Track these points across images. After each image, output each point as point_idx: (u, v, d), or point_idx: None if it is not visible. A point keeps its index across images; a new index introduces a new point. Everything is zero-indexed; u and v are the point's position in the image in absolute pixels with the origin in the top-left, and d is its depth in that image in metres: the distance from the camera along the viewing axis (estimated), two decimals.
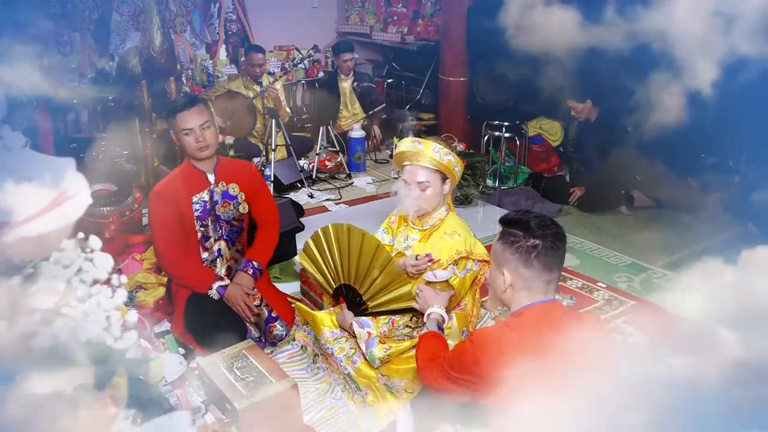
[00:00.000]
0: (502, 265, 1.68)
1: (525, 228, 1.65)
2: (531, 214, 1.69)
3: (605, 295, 3.43)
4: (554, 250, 1.65)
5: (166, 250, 2.77)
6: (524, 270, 1.64)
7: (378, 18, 7.20)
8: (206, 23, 6.47)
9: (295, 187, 5.03)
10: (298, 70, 6.52)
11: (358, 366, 2.44)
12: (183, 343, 2.81)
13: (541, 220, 1.67)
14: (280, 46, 6.78)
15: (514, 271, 1.65)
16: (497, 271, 1.70)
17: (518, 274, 1.65)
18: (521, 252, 1.64)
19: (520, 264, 1.64)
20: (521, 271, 1.65)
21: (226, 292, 2.75)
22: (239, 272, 2.85)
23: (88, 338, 0.85)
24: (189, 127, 2.66)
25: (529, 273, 1.64)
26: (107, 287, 0.90)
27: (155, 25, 3.97)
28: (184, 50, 6.26)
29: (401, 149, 2.50)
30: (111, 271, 0.92)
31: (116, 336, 0.90)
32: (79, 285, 0.86)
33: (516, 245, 1.64)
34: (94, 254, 0.91)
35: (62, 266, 0.86)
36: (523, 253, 1.63)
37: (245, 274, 2.84)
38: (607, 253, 3.96)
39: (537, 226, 1.65)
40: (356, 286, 2.43)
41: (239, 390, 2.11)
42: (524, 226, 1.65)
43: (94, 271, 0.89)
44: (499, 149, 5.18)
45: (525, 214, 1.70)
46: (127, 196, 3.66)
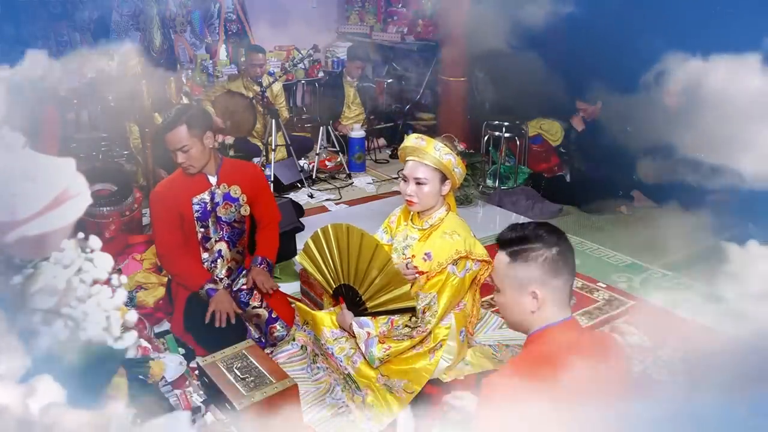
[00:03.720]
0: (528, 286, 1.56)
1: (538, 238, 1.56)
2: (531, 225, 1.61)
3: (605, 295, 3.43)
4: (571, 252, 1.58)
5: (165, 250, 2.79)
6: (554, 281, 1.54)
7: (378, 18, 7.20)
8: (206, 23, 6.47)
9: (295, 187, 5.03)
10: (298, 70, 6.53)
11: (358, 366, 2.44)
12: (183, 343, 2.82)
13: (545, 227, 1.60)
14: (280, 46, 6.78)
15: (544, 286, 1.55)
16: (520, 295, 1.57)
17: (550, 286, 1.55)
18: (548, 263, 1.54)
19: (549, 275, 1.54)
20: (552, 283, 1.55)
21: (215, 294, 2.75)
22: (254, 268, 2.89)
23: (88, 338, 0.85)
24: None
25: (559, 282, 1.55)
26: (107, 287, 0.90)
27: (155, 25, 3.97)
28: (184, 50, 6.26)
29: (405, 144, 2.51)
30: (111, 271, 0.92)
31: (116, 336, 0.90)
32: (79, 285, 0.86)
33: (540, 259, 1.54)
34: (94, 254, 0.90)
35: (62, 266, 0.86)
36: (551, 263, 1.54)
37: (261, 270, 2.89)
38: (607, 253, 3.96)
39: (547, 233, 1.57)
40: (355, 286, 2.43)
41: (239, 390, 2.11)
42: (536, 237, 1.56)
43: (94, 271, 0.89)
44: (499, 149, 5.18)
45: (524, 227, 1.61)
46: (127, 196, 3.66)
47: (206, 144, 2.71)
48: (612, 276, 3.65)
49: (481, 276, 2.52)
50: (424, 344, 2.45)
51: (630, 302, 3.36)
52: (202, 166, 2.74)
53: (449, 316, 2.48)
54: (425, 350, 2.45)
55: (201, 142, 2.68)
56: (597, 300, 3.38)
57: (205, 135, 2.70)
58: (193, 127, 2.65)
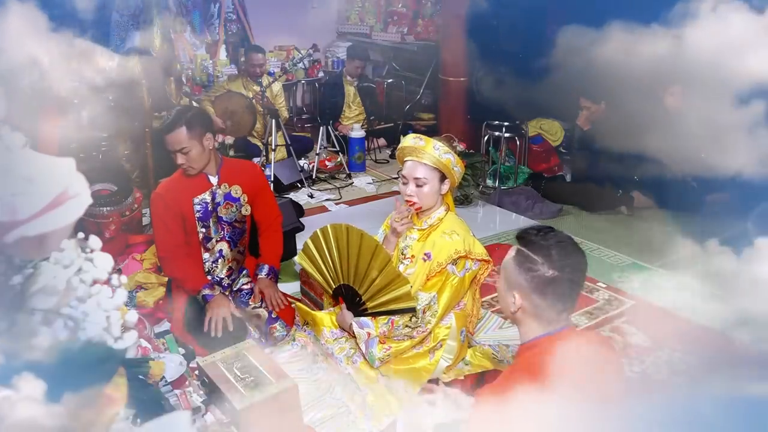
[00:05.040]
0: (513, 287, 1.57)
1: (546, 256, 1.52)
2: (554, 239, 1.55)
3: (605, 295, 3.43)
4: (572, 282, 1.54)
5: (165, 252, 2.79)
6: (536, 298, 1.53)
7: (378, 18, 7.20)
8: (206, 23, 6.47)
9: (295, 187, 5.03)
10: (297, 70, 6.53)
11: (358, 366, 2.44)
12: (183, 343, 2.82)
13: (563, 248, 1.54)
14: (280, 46, 6.78)
15: (526, 298, 1.54)
16: (507, 291, 1.59)
17: (530, 301, 1.54)
18: (536, 281, 1.52)
19: (533, 292, 1.53)
20: (533, 299, 1.53)
21: (211, 300, 2.75)
22: (262, 280, 2.91)
23: (88, 338, 0.85)
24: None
25: (541, 302, 1.53)
26: (107, 287, 0.90)
27: (155, 25, 3.97)
28: (184, 50, 6.26)
29: (403, 144, 2.51)
30: (111, 271, 0.92)
31: (116, 336, 0.90)
32: (79, 285, 0.86)
33: (532, 273, 1.52)
34: (94, 254, 0.91)
35: (62, 266, 0.86)
36: (539, 282, 1.52)
37: (267, 281, 2.91)
38: (607, 253, 3.96)
39: (559, 256, 1.52)
40: (355, 286, 2.43)
41: (239, 390, 2.11)
42: (545, 254, 1.52)
43: (94, 271, 0.89)
44: (499, 149, 5.18)
45: (547, 236, 1.56)
46: (127, 196, 3.66)
47: (206, 145, 2.71)
48: (612, 276, 3.65)
49: (481, 275, 2.52)
50: (424, 344, 2.45)
51: (630, 302, 3.36)
52: (202, 167, 2.74)
53: (449, 315, 2.49)
54: (425, 350, 2.45)
55: (201, 143, 2.68)
56: (597, 300, 3.38)
57: (204, 136, 2.70)
58: (192, 129, 2.65)
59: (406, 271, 2.48)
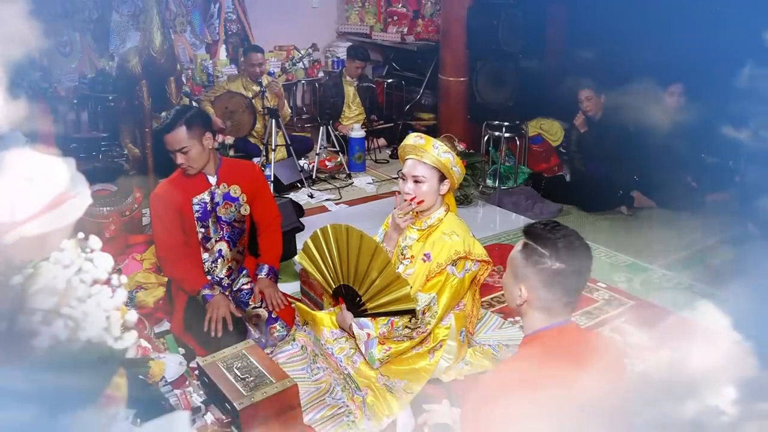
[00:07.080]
0: (520, 280, 1.58)
1: (552, 249, 1.53)
2: (560, 232, 1.57)
3: (605, 295, 3.43)
4: (579, 275, 1.56)
5: (165, 252, 2.79)
6: (543, 291, 1.55)
7: (378, 18, 7.20)
8: (206, 23, 6.47)
9: (295, 187, 5.03)
10: (297, 69, 6.53)
11: (358, 366, 2.44)
12: (183, 343, 2.82)
13: (569, 242, 1.55)
14: (280, 46, 6.78)
15: (533, 291, 1.56)
16: (514, 284, 1.61)
17: (536, 294, 1.56)
18: (544, 273, 1.54)
19: (540, 285, 1.54)
20: (540, 292, 1.55)
21: (211, 300, 2.75)
22: (261, 280, 2.91)
23: (88, 338, 0.85)
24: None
25: (548, 295, 1.55)
26: (107, 287, 0.90)
27: (155, 25, 3.97)
28: (184, 50, 6.26)
29: (404, 143, 2.52)
30: (111, 271, 0.92)
31: (116, 336, 0.90)
32: (79, 285, 0.86)
33: (539, 266, 1.54)
34: (94, 254, 0.91)
35: (62, 266, 0.86)
36: (546, 275, 1.53)
37: (267, 281, 2.91)
38: (607, 253, 3.96)
39: (565, 248, 1.53)
40: (355, 286, 2.43)
41: (239, 390, 2.11)
42: (552, 247, 1.54)
43: (94, 271, 0.89)
44: (499, 149, 5.18)
45: (553, 230, 1.57)
46: (127, 196, 3.66)
47: (205, 145, 2.71)
48: (612, 276, 3.65)
49: (481, 276, 2.52)
50: (424, 344, 2.45)
51: (630, 302, 3.36)
52: (201, 167, 2.75)
53: (449, 316, 2.48)
54: (425, 350, 2.45)
55: (200, 143, 2.68)
56: (597, 300, 3.38)
57: (204, 136, 2.70)
58: (192, 128, 2.65)
59: (406, 272, 2.48)
